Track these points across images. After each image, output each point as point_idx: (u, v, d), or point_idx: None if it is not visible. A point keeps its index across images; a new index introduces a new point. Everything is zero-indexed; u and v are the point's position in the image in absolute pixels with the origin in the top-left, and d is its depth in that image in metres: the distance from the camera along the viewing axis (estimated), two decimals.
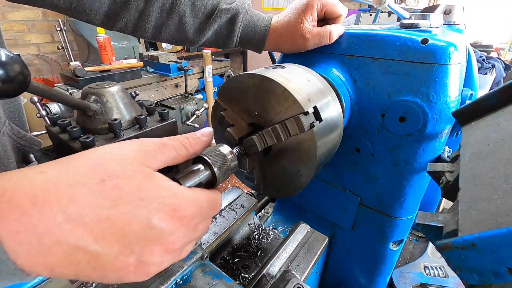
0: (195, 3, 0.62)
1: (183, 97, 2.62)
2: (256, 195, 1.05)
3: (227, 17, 0.64)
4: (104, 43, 2.35)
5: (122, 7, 0.59)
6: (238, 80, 0.49)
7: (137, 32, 0.65)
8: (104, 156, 0.27)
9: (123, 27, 0.63)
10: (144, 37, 0.66)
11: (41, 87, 0.33)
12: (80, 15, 0.59)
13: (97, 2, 0.57)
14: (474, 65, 0.64)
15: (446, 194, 0.42)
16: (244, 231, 0.78)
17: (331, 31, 0.59)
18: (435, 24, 0.62)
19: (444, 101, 0.52)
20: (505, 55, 3.42)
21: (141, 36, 0.66)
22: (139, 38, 0.70)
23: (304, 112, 0.43)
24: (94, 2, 0.57)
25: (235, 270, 0.68)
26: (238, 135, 0.48)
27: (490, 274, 0.23)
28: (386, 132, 0.59)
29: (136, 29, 0.64)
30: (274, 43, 0.66)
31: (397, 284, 0.98)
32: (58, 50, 3.17)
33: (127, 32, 0.65)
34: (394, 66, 0.55)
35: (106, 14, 0.60)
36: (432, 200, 1.04)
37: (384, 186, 0.65)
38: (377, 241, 0.73)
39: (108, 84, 0.52)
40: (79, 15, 0.58)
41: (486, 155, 0.34)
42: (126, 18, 0.61)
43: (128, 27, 0.63)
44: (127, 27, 0.63)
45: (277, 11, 3.60)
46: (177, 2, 0.61)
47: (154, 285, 0.46)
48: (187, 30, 0.64)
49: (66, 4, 0.56)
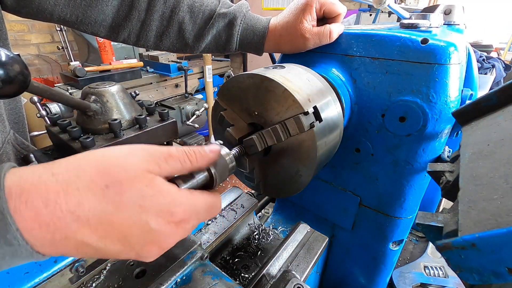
0: (194, 10, 0.64)
1: (183, 97, 2.62)
2: (256, 195, 1.05)
3: (225, 21, 0.65)
4: (104, 43, 2.35)
5: (125, 18, 0.62)
6: (238, 80, 0.49)
7: (139, 42, 0.67)
8: (111, 161, 0.29)
9: (126, 38, 0.66)
10: (146, 47, 0.69)
11: (41, 87, 0.33)
12: (86, 28, 0.62)
13: (102, 14, 0.60)
14: (474, 65, 0.64)
15: (446, 194, 0.42)
16: (244, 231, 0.78)
17: (331, 30, 0.59)
18: (435, 24, 0.62)
19: (444, 101, 0.52)
20: (505, 55, 3.42)
21: (143, 46, 0.68)
22: (141, 47, 0.72)
23: (304, 112, 0.43)
24: (99, 15, 0.60)
25: (235, 270, 0.68)
26: (238, 135, 0.48)
27: (490, 274, 0.23)
28: (386, 132, 0.59)
29: (139, 39, 0.66)
30: (274, 44, 0.66)
31: (397, 284, 0.98)
32: (58, 50, 3.16)
33: (130, 43, 0.68)
34: (394, 66, 0.55)
35: (110, 25, 0.63)
36: (432, 200, 1.04)
37: (384, 186, 0.65)
38: (377, 241, 0.73)
39: (108, 84, 0.52)
40: (85, 27, 0.61)
41: (486, 155, 0.34)
42: (128, 29, 0.64)
43: (131, 37, 0.66)
44: (130, 37, 0.66)
45: (277, 11, 3.60)
46: (176, 10, 0.63)
47: (154, 285, 0.46)
48: (187, 36, 0.66)
49: (72, 18, 0.59)
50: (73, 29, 0.63)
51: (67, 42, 3.00)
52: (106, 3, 0.59)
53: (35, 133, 1.31)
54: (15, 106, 0.68)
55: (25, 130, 0.73)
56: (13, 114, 0.68)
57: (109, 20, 0.62)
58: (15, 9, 0.56)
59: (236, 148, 0.46)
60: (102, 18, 0.61)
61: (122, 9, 0.61)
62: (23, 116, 0.72)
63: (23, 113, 0.71)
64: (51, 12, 0.57)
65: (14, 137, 0.66)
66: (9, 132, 0.64)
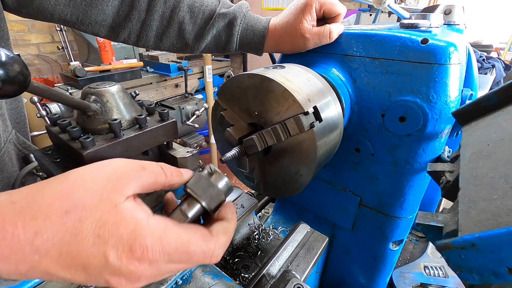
0: (194, 10, 0.64)
1: (183, 97, 2.62)
2: (256, 195, 1.05)
3: (225, 21, 0.65)
4: (104, 43, 2.35)
5: (125, 18, 0.62)
6: (238, 80, 0.49)
7: (139, 42, 0.67)
8: (77, 183, 0.27)
9: (126, 38, 0.66)
10: (146, 47, 0.69)
11: (41, 87, 0.33)
12: (86, 28, 0.62)
13: (102, 14, 0.60)
14: (474, 65, 0.64)
15: (446, 194, 0.42)
16: (244, 231, 0.78)
17: (330, 30, 0.59)
18: (435, 24, 0.62)
19: (444, 101, 0.52)
20: (505, 55, 3.42)
21: (143, 46, 0.68)
22: (141, 47, 0.73)
23: (304, 112, 0.43)
24: (99, 15, 0.60)
25: (235, 270, 0.68)
26: (238, 135, 0.48)
27: (490, 274, 0.23)
28: (386, 132, 0.59)
29: (139, 39, 0.66)
30: (273, 44, 0.66)
31: (397, 284, 0.98)
32: (58, 50, 3.17)
33: (130, 43, 0.68)
34: (394, 66, 0.55)
35: (110, 25, 0.63)
36: (432, 200, 1.04)
37: (384, 186, 0.65)
38: (377, 241, 0.73)
39: (108, 84, 0.52)
40: (86, 27, 0.61)
41: (486, 155, 0.34)
42: (129, 29, 0.64)
43: (131, 37, 0.66)
44: (130, 37, 0.66)
45: (277, 11, 3.60)
46: (176, 10, 0.63)
47: (154, 285, 0.46)
48: (187, 36, 0.66)
49: (73, 18, 0.59)
50: (74, 29, 0.63)
51: (67, 42, 3.00)
52: (106, 3, 0.59)
53: (35, 133, 1.31)
54: (17, 106, 0.69)
55: (26, 130, 0.73)
56: (15, 114, 0.68)
57: (109, 20, 0.62)
58: (16, 9, 0.56)
59: (236, 148, 0.46)
60: (102, 18, 0.61)
61: (122, 9, 0.61)
62: (25, 116, 0.72)
63: (24, 113, 0.72)
64: (52, 12, 0.57)
65: (16, 137, 0.67)
66: (11, 131, 0.65)
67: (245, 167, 0.49)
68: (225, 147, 0.59)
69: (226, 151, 0.47)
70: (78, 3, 0.57)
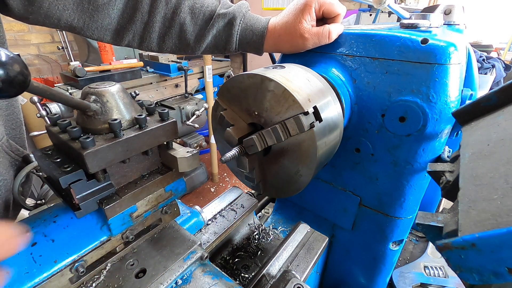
0: (194, 11, 0.65)
1: (183, 97, 2.62)
2: (256, 195, 1.05)
3: (225, 21, 0.65)
4: (104, 43, 2.35)
5: (129, 20, 0.63)
6: (238, 80, 0.49)
7: (143, 44, 0.68)
8: None
9: (130, 41, 0.67)
10: (150, 49, 0.69)
11: (41, 87, 0.33)
12: (92, 33, 0.62)
13: (108, 18, 0.61)
14: (474, 65, 0.64)
15: (446, 194, 0.42)
16: (244, 231, 0.78)
17: (330, 30, 0.59)
18: (435, 24, 0.62)
19: (444, 101, 0.52)
20: (505, 55, 3.42)
21: (147, 48, 0.69)
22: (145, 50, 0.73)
23: (304, 112, 0.43)
24: (105, 18, 0.61)
25: (235, 270, 0.68)
26: (238, 135, 0.48)
27: (490, 274, 0.23)
28: (386, 132, 0.59)
29: (142, 41, 0.67)
30: (273, 44, 0.66)
31: (397, 284, 0.98)
32: (58, 50, 3.17)
33: (133, 46, 0.68)
34: (394, 66, 0.55)
35: (115, 29, 0.64)
36: (432, 200, 1.04)
37: (384, 186, 0.65)
38: (377, 241, 0.73)
39: (108, 84, 0.52)
40: (92, 33, 0.62)
41: (486, 155, 0.34)
42: (132, 31, 0.65)
43: (135, 40, 0.67)
44: (134, 40, 0.67)
45: (277, 11, 3.59)
46: (177, 11, 0.64)
47: (154, 285, 0.46)
48: (188, 37, 0.67)
49: (80, 23, 0.59)
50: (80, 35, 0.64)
51: (67, 42, 3.00)
52: (112, 7, 0.60)
53: (35, 133, 1.31)
54: (12, 112, 0.67)
55: (22, 136, 0.72)
56: (10, 120, 0.67)
57: (114, 23, 0.63)
58: (23, 15, 0.56)
59: (236, 148, 0.46)
60: (108, 22, 0.62)
61: (127, 12, 0.62)
62: (21, 122, 0.71)
63: (21, 118, 0.71)
64: (59, 17, 0.57)
65: (7, 144, 0.65)
66: (2, 138, 0.63)
67: (245, 167, 0.49)
68: (225, 147, 0.59)
69: (226, 151, 0.47)
70: (85, 8, 0.58)
